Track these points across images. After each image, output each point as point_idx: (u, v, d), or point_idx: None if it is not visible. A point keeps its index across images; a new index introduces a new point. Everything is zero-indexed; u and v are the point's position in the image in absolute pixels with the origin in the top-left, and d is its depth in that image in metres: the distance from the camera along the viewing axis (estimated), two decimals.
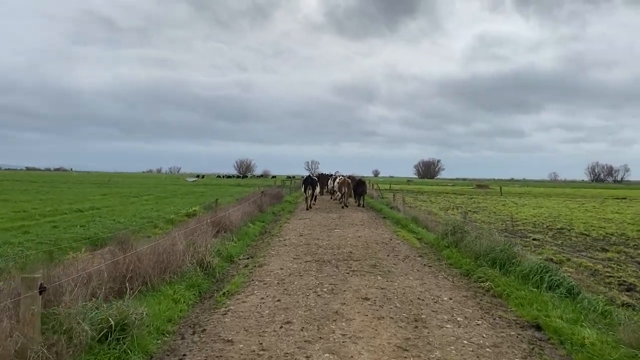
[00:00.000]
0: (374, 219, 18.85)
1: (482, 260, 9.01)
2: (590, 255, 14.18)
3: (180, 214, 20.70)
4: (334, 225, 15.97)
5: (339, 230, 14.64)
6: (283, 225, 16.15)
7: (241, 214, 14.26)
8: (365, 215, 20.31)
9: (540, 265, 7.68)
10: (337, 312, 6.03)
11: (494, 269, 8.48)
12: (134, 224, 17.28)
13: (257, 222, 16.45)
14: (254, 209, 18.11)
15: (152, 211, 22.18)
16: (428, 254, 10.95)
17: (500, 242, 9.29)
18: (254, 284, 7.71)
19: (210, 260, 8.56)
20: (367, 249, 11.04)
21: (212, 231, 11.62)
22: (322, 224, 16.55)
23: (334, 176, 31.57)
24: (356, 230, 14.55)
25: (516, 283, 7.66)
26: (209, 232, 11.33)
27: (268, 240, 12.60)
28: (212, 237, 11.15)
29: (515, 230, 20.18)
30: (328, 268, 8.79)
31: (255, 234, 13.80)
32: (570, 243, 16.73)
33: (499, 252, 8.90)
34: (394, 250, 11.11)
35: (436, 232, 15.60)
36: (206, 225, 11.29)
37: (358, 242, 12.17)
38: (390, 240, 12.62)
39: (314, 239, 12.58)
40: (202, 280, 7.80)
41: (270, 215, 19.61)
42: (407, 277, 8.25)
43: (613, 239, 17.82)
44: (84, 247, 11.96)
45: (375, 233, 14.12)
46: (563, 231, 19.96)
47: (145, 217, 19.37)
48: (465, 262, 9.48)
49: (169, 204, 27.61)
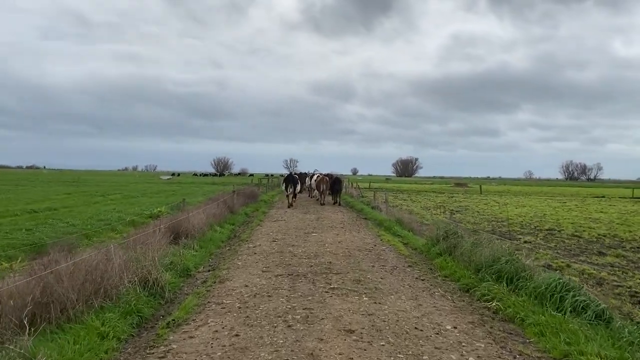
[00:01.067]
0: (354, 221, 17.42)
1: (484, 272, 7.64)
2: (589, 261, 13.09)
3: (144, 215, 18.95)
4: (311, 229, 14.47)
5: (317, 234, 13.14)
6: (255, 229, 14.57)
7: (206, 217, 12.62)
8: (346, 217, 18.87)
9: (558, 282, 6.34)
10: (313, 354, 4.52)
11: (499, 284, 7.11)
12: (88, 227, 15.50)
13: (226, 224, 14.84)
14: (224, 210, 16.47)
15: (113, 212, 20.33)
16: (418, 263, 9.54)
17: (505, 251, 7.94)
18: (209, 309, 6.15)
19: (158, 276, 6.96)
20: (348, 258, 9.57)
21: (168, 238, 10.00)
22: (299, 226, 15.03)
23: (311, 174, 31.92)
24: (336, 235, 13.07)
25: (530, 303, 6.30)
26: (163, 239, 9.71)
27: (236, 248, 11.01)
28: (167, 245, 9.54)
29: (504, 231, 19.06)
30: (303, 284, 7.27)
31: (222, 239, 12.20)
32: (564, 246, 15.64)
33: (504, 264, 7.55)
34: (380, 258, 9.67)
35: (423, 235, 14.27)
36: (160, 231, 9.67)
37: (338, 249, 10.70)
38: (375, 247, 11.18)
39: (288, 246, 11.06)
40: (144, 304, 6.20)
41: (242, 216, 18.00)
42: (399, 296, 6.79)
43: (607, 241, 16.85)
44: (21, 256, 10.22)
45: (357, 237, 12.68)
46: (553, 232, 18.95)
47: (104, 219, 17.55)
48: (463, 274, 8.11)
49: (134, 204, 25.69)
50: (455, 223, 14.83)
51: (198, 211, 12.71)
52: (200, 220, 11.84)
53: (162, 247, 9.23)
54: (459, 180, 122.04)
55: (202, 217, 12.09)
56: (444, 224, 10.96)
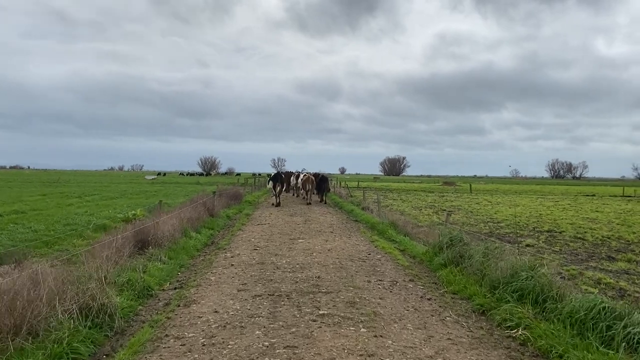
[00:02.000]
0: (345, 224, 16.14)
1: (502, 290, 6.41)
2: (601, 267, 12.00)
3: (116, 219, 17.46)
4: (298, 234, 13.15)
5: (304, 240, 11.82)
6: (236, 234, 13.20)
7: (179, 221, 11.22)
8: (335, 219, 17.59)
9: (601, 306, 5.12)
10: None
11: (523, 306, 5.88)
12: (51, 232, 14.04)
13: (204, 229, 13.45)
14: (203, 213, 15.06)
15: (85, 215, 18.81)
16: (420, 276, 8.27)
17: (525, 264, 6.71)
18: (165, 346, 4.80)
19: (106, 300, 5.60)
20: (340, 271, 8.27)
21: (131, 248, 8.61)
22: (284, 231, 13.70)
23: (297, 173, 32.45)
24: (325, 241, 11.75)
25: (566, 333, 5.06)
26: (125, 250, 8.32)
27: (211, 258, 9.65)
28: (128, 258, 8.16)
29: (503, 234, 17.96)
30: (286, 309, 5.95)
31: (197, 247, 10.82)
32: (569, 250, 14.56)
33: (525, 280, 6.32)
34: (376, 271, 8.38)
35: (420, 240, 13.05)
36: (119, 241, 8.27)
37: (328, 258, 9.39)
38: (369, 255, 9.89)
39: (271, 255, 9.72)
40: (82, 340, 4.84)
41: (224, 219, 16.60)
42: (404, 324, 5.50)
43: (613, 243, 15.83)
44: None
45: (348, 244, 11.39)
46: (554, 234, 17.90)
47: (71, 224, 16.05)
48: (475, 291, 6.86)
49: (111, 205, 24.12)
50: (459, 228, 13.66)
51: (170, 215, 11.31)
52: (172, 225, 10.45)
53: (122, 260, 7.86)
54: (446, 179, 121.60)
55: (174, 222, 10.69)
56: (449, 230, 9.71)
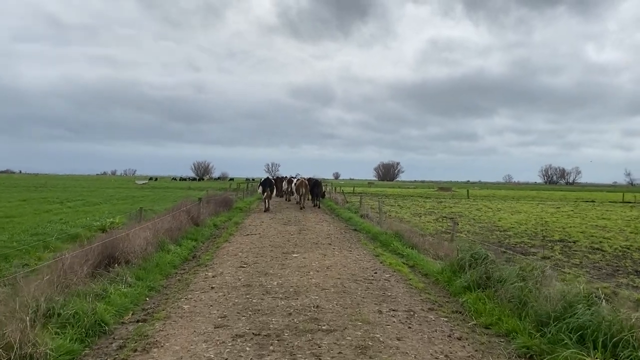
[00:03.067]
0: (343, 233, 14.68)
1: (554, 328, 4.99)
2: (633, 284, 10.66)
3: (93, 228, 15.90)
4: (292, 246, 11.65)
5: (299, 255, 10.32)
6: (222, 246, 11.69)
7: (153, 233, 9.68)
8: (332, 228, 16.11)
9: None
10: None
11: (589, 353, 4.47)
12: (14, 243, 12.50)
13: (186, 241, 11.94)
14: (186, 222, 13.53)
15: (59, 223, 17.23)
16: (440, 302, 6.81)
17: (579, 293, 5.29)
18: None
19: (32, 350, 4.11)
20: (343, 296, 6.80)
21: (90, 266, 7.10)
22: (276, 243, 12.19)
23: (289, 178, 32.81)
24: (323, 255, 10.26)
25: None
26: (83, 269, 6.83)
27: (189, 278, 8.13)
28: (85, 279, 6.65)
29: (513, 243, 16.60)
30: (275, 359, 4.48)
31: (175, 263, 9.30)
32: (589, 263, 13.23)
33: (583, 314, 4.91)
34: (387, 296, 6.91)
35: (427, 252, 11.64)
36: (81, 256, 6.77)
37: (328, 279, 7.92)
38: (375, 274, 8.41)
39: (259, 275, 8.23)
40: None
41: (210, 229, 15.07)
42: None
43: (635, 255, 14.54)
44: None
45: (350, 259, 9.92)
46: (568, 244, 16.58)
47: (41, 233, 14.49)
48: (514, 325, 5.41)
49: (91, 212, 22.53)
50: (474, 240, 12.26)
51: (144, 226, 9.78)
52: (145, 239, 8.93)
53: (75, 283, 6.37)
54: (439, 184, 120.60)
55: (148, 234, 9.16)
56: (468, 245, 8.27)
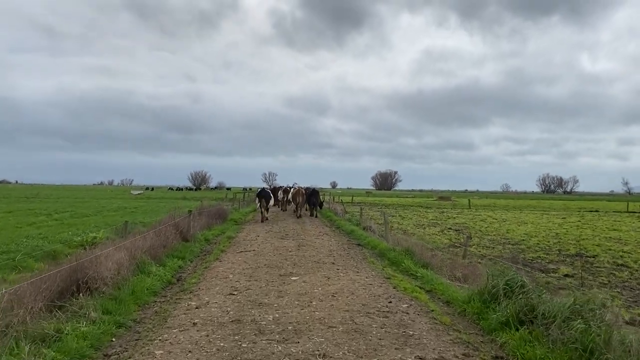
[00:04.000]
0: (346, 249, 13.36)
1: None
2: None
3: (73, 243, 14.57)
4: (290, 266, 10.32)
5: (299, 277, 8.98)
6: (211, 266, 10.36)
7: (131, 254, 8.34)
8: (334, 242, 14.78)
9: None
10: None
11: None
12: None
13: (171, 259, 10.61)
14: (173, 238, 12.20)
15: (38, 238, 15.86)
16: (475, 344, 5.48)
17: None
18: None
19: None
20: (355, 337, 5.48)
21: (48, 297, 5.77)
22: (272, 262, 10.85)
23: (284, 188, 32.70)
24: (326, 278, 8.92)
25: None
26: (37, 301, 5.52)
27: (168, 309, 6.80)
28: (38, 313, 5.33)
29: (528, 259, 15.32)
30: None
31: (155, 288, 7.96)
32: (618, 282, 11.98)
33: None
34: (408, 335, 5.60)
35: (442, 272, 10.34)
36: (36, 285, 5.45)
37: (334, 311, 6.60)
38: (390, 303, 7.09)
39: (252, 305, 6.90)
40: None
41: (201, 244, 13.73)
42: None
43: None
44: None
45: (358, 283, 8.59)
46: (588, 259, 15.32)
47: (14, 251, 13.19)
48: None
49: (78, 224, 21.16)
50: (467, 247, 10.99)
51: (120, 245, 8.43)
52: (120, 260, 7.61)
53: (20, 322, 5.05)
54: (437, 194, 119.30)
55: (122, 255, 7.82)
56: (499, 269, 6.97)
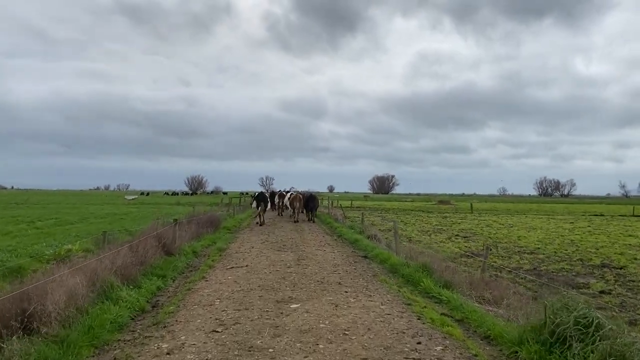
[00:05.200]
0: (353, 263, 11.75)
1: None
2: None
3: (43, 257, 12.88)
4: (289, 287, 8.70)
5: (300, 305, 7.34)
6: (195, 287, 8.74)
7: (89, 278, 6.71)
8: (337, 255, 13.17)
9: None
10: None
11: None
12: None
13: (150, 278, 9.01)
14: (154, 252, 10.56)
15: (6, 251, 14.09)
16: None
17: None
18: None
19: None
20: None
21: None
22: (267, 282, 9.21)
23: (280, 192, 32.55)
24: (334, 306, 7.29)
25: None
26: None
27: (131, 354, 5.20)
28: None
29: (550, 270, 13.77)
30: None
31: (121, 321, 6.35)
32: None
33: None
34: None
35: (464, 292, 8.79)
36: None
37: (348, 358, 5.03)
38: (419, 345, 5.48)
39: (240, 351, 5.26)
40: None
41: (187, 258, 12.09)
42: None
43: None
44: None
45: (373, 312, 6.99)
46: (616, 271, 13.78)
47: None
48: None
49: (58, 233, 19.43)
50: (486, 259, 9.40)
51: (76, 268, 6.81)
52: (73, 288, 5.99)
53: None
54: (435, 197, 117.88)
55: (78, 280, 6.20)
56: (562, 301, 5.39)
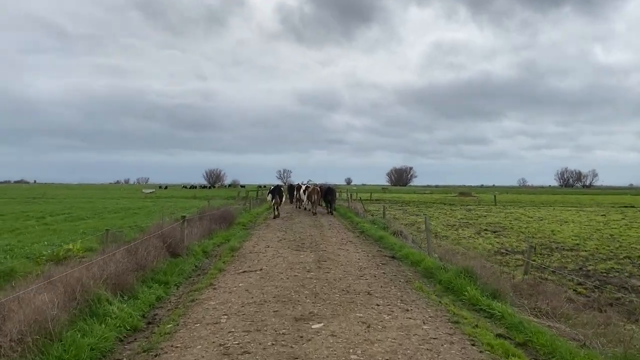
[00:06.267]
0: (380, 266, 10.40)
1: None
2: None
3: (42, 258, 11.86)
4: (309, 298, 7.41)
5: (324, 324, 6.02)
6: (201, 297, 7.52)
7: (69, 292, 5.51)
8: (362, 255, 11.83)
9: None
10: None
11: None
12: None
13: (150, 286, 7.83)
14: (156, 254, 9.38)
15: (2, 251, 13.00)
16: None
17: None
18: None
19: None
20: None
21: None
22: (284, 291, 7.92)
23: (298, 185, 32.62)
24: (365, 326, 5.92)
25: None
26: None
27: None
28: None
29: (598, 271, 12.24)
30: None
31: (105, 346, 5.13)
32: None
33: None
34: None
35: (517, 303, 7.41)
36: None
37: None
38: None
39: None
40: None
41: (195, 259, 10.90)
42: None
43: None
44: None
45: (415, 335, 5.63)
46: None
47: None
48: None
49: (65, 230, 18.54)
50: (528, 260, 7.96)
51: (52, 280, 5.62)
52: (40, 308, 4.80)
53: None
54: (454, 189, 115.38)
55: (48, 298, 4.99)
56: None
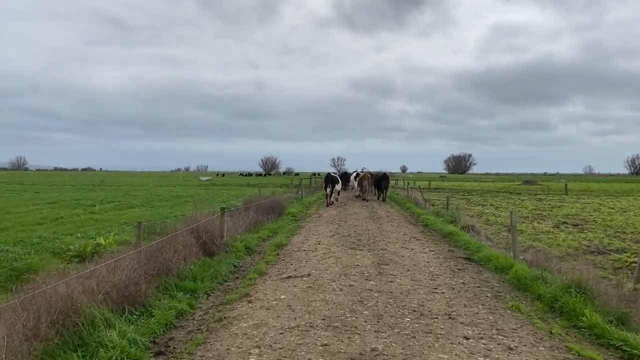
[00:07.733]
0: (458, 275, 8.37)
1: None
2: None
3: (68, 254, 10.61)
4: (370, 324, 5.56)
5: None
6: (230, 315, 5.90)
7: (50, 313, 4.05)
8: (432, 257, 9.82)
9: None
10: None
11: None
12: None
13: (173, 294, 6.36)
14: (186, 253, 7.93)
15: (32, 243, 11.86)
16: None
17: None
18: None
19: None
20: None
21: None
22: (337, 311, 6.13)
23: (354, 173, 32.09)
24: None
25: None
26: None
27: None
28: None
29: None
30: None
31: None
32: None
33: None
34: None
35: None
36: None
37: None
38: None
39: None
40: None
41: (234, 257, 9.38)
42: None
43: None
44: None
45: None
46: None
47: None
48: None
49: (107, 220, 17.62)
50: None
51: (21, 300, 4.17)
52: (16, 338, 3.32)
53: None
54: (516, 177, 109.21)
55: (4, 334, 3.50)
56: None
